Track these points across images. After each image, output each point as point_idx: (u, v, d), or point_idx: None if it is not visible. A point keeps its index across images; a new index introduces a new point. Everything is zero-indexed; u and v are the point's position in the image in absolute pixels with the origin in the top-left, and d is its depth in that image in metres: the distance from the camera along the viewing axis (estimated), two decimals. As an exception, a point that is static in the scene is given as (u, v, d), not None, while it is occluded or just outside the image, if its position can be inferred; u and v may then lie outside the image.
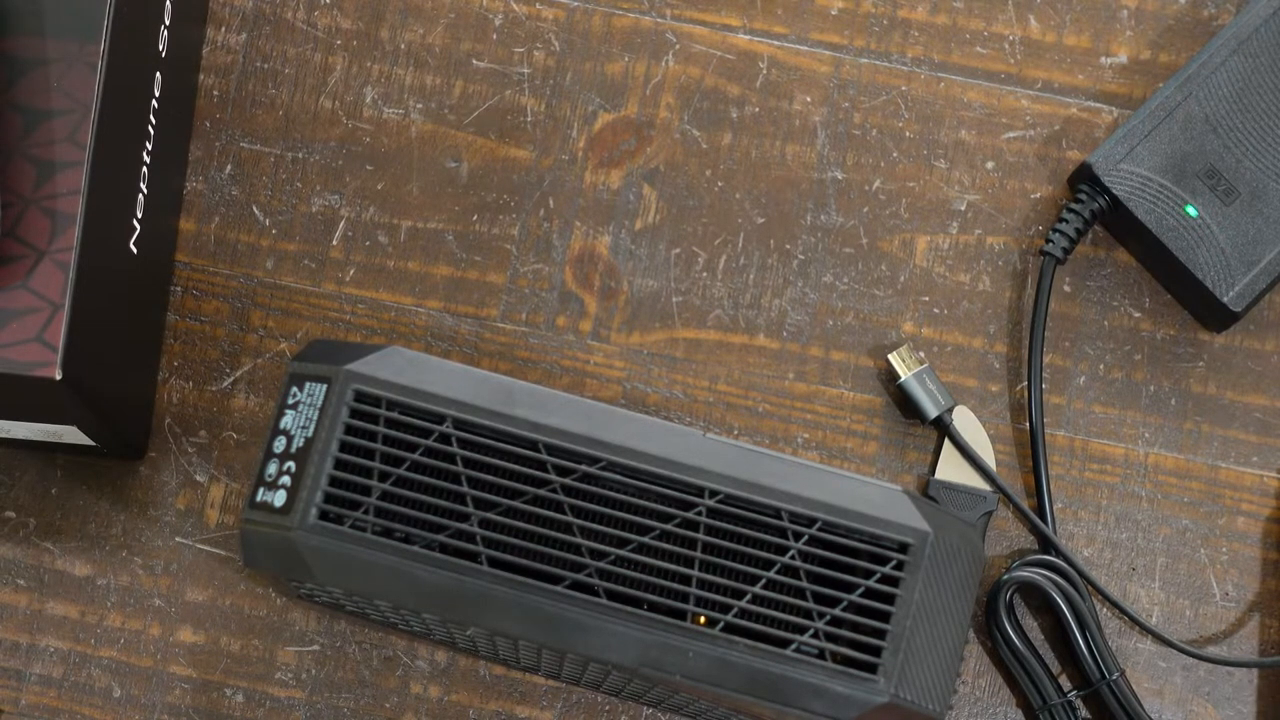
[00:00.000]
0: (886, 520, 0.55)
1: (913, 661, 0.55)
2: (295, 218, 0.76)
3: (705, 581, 0.54)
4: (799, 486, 0.55)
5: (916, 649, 0.55)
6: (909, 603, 0.55)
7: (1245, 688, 0.73)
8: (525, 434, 0.55)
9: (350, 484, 0.55)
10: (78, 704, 0.72)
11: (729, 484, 0.55)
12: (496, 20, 0.78)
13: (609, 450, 0.55)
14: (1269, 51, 0.74)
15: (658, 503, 0.55)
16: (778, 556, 0.54)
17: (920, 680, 0.55)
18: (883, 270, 0.76)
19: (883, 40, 0.78)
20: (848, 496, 0.55)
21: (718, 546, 0.55)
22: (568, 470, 0.55)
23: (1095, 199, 0.74)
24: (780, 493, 0.55)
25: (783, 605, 0.55)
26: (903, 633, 0.54)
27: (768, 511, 0.55)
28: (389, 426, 0.55)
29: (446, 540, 0.54)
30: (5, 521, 0.74)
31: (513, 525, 0.55)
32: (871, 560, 0.55)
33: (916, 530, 0.55)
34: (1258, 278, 0.73)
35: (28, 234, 0.64)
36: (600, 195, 0.76)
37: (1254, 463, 0.75)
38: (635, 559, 0.54)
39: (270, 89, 0.77)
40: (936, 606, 0.55)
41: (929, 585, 0.55)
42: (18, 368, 0.62)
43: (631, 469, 0.55)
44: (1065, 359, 0.75)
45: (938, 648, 0.55)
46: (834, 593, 0.54)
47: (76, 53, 0.65)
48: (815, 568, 0.54)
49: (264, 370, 0.75)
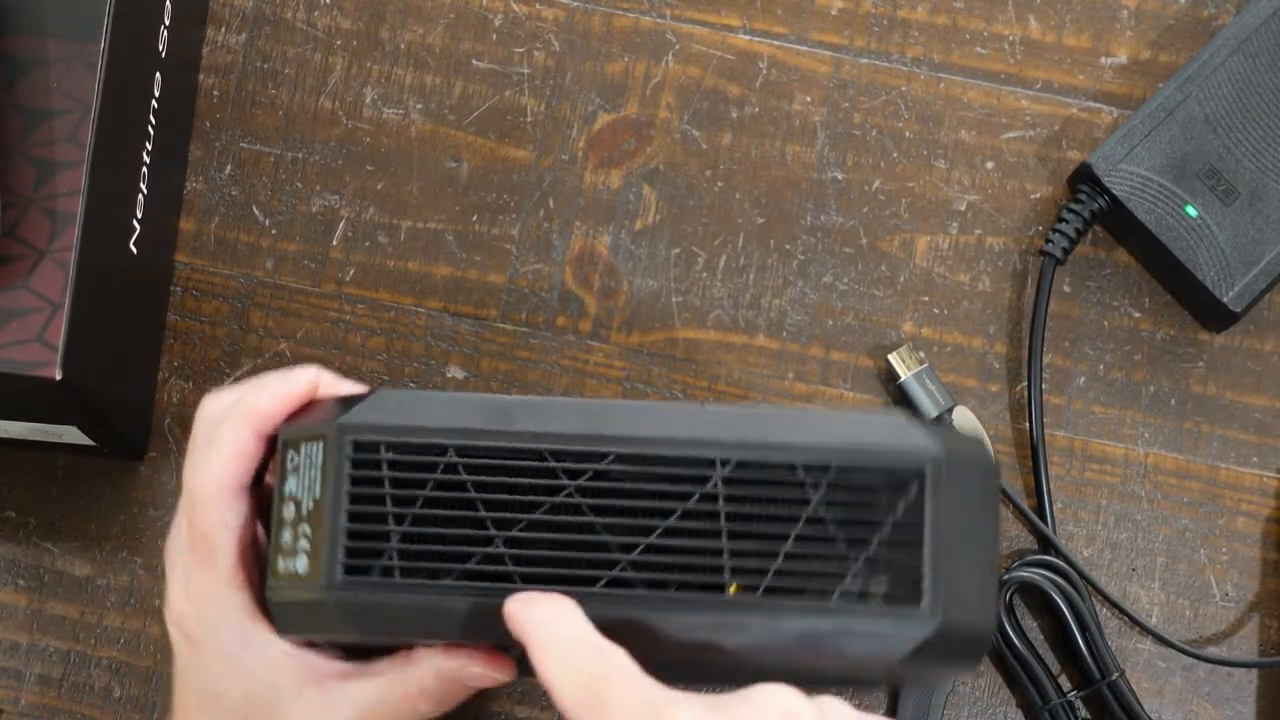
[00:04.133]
0: (898, 449, 0.54)
1: (952, 582, 0.54)
2: (295, 218, 0.76)
3: (736, 550, 0.54)
4: (806, 436, 0.55)
5: (953, 569, 0.54)
6: (937, 526, 0.54)
7: (1245, 688, 0.73)
8: (529, 446, 0.54)
9: (369, 534, 0.54)
10: (78, 704, 0.72)
11: (738, 450, 0.54)
12: (496, 20, 0.78)
13: (613, 443, 0.55)
14: (1269, 51, 0.74)
15: (673, 484, 0.55)
16: (801, 509, 0.54)
17: (964, 599, 0.55)
18: (883, 270, 0.76)
19: (883, 40, 0.78)
20: (855, 434, 0.55)
21: (740, 514, 0.55)
22: (578, 473, 0.54)
23: (1095, 199, 0.74)
24: (790, 446, 0.54)
25: (816, 556, 0.54)
26: (937, 557, 0.54)
27: (782, 468, 0.55)
28: (393, 470, 0.55)
29: (476, 567, 0.54)
30: (5, 521, 0.74)
31: (537, 538, 0.55)
32: (892, 491, 0.54)
33: (929, 452, 0.54)
34: (1258, 278, 0.73)
35: (28, 234, 0.64)
36: (600, 195, 0.76)
37: (1254, 463, 0.75)
38: (664, 544, 0.54)
39: (270, 89, 0.77)
40: (963, 524, 0.55)
41: (952, 505, 0.55)
42: (18, 368, 0.62)
43: (640, 456, 0.55)
44: (1065, 359, 0.75)
45: (972, 563, 0.55)
46: (862, 534, 0.54)
47: (76, 53, 0.65)
48: (840, 513, 0.54)
49: (264, 370, 0.75)
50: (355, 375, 0.74)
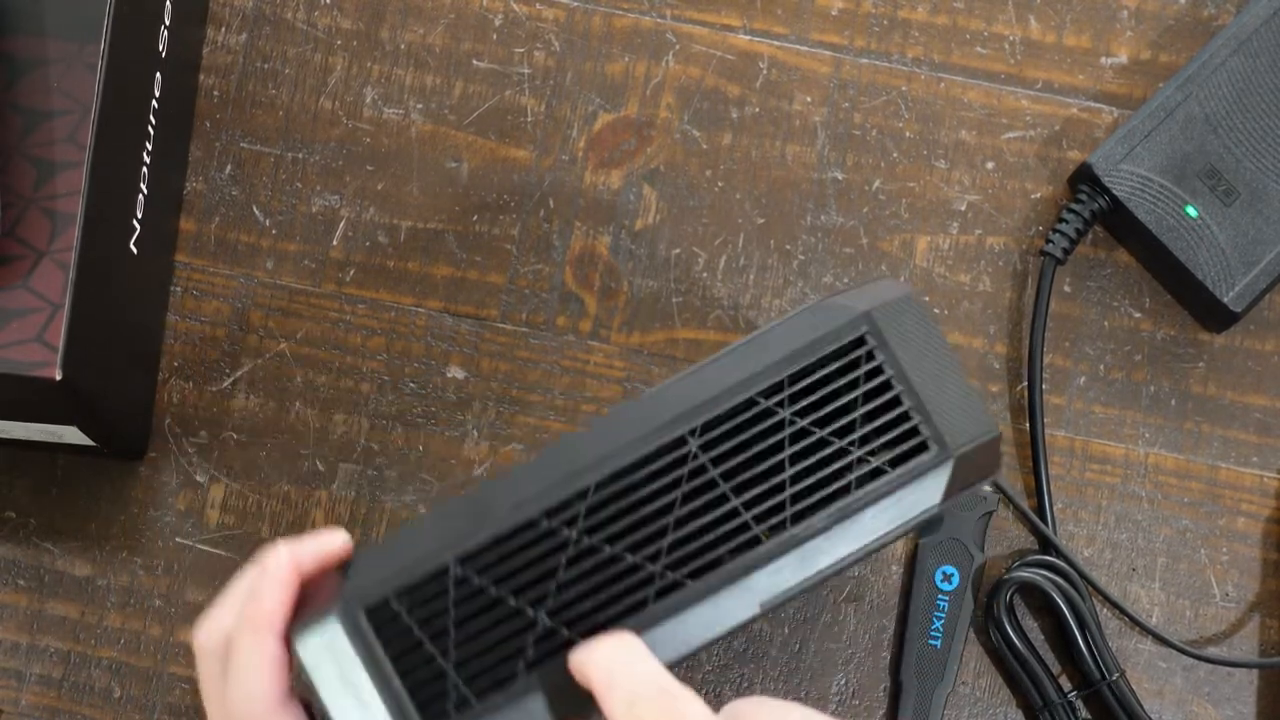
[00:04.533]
0: (831, 330, 0.55)
1: (942, 414, 0.55)
2: (295, 218, 0.76)
3: (749, 502, 0.55)
4: (748, 367, 0.55)
5: (936, 403, 0.55)
6: (901, 373, 0.55)
7: (1245, 688, 0.73)
8: (519, 520, 0.54)
9: (425, 682, 0.54)
10: (78, 704, 0.72)
11: (697, 414, 0.55)
12: (496, 20, 0.78)
13: (588, 473, 0.55)
14: (1269, 51, 0.74)
15: (660, 476, 0.55)
16: (781, 431, 0.54)
17: (959, 421, 0.55)
18: (883, 270, 0.76)
19: (883, 40, 0.78)
20: (788, 341, 0.55)
21: (733, 467, 0.55)
22: (573, 518, 0.54)
23: (1095, 199, 0.74)
24: (738, 384, 0.55)
25: (818, 465, 0.55)
26: (917, 400, 0.55)
27: (743, 406, 0.55)
28: (412, 613, 0.54)
29: (535, 652, 0.54)
30: (5, 521, 0.74)
31: (574, 593, 0.55)
32: (847, 368, 0.55)
33: (856, 316, 0.55)
34: (1258, 278, 0.73)
35: (28, 234, 0.64)
36: (600, 195, 0.76)
37: (1254, 463, 0.75)
38: (684, 534, 0.54)
39: (270, 89, 0.77)
40: (920, 358, 0.56)
41: (902, 347, 0.55)
42: (18, 368, 0.62)
43: (618, 471, 0.55)
44: (1065, 359, 0.75)
45: (946, 387, 0.56)
46: (845, 420, 0.54)
47: (76, 53, 0.65)
48: (815, 415, 0.55)
49: (264, 370, 0.75)
50: (355, 375, 0.74)
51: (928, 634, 0.73)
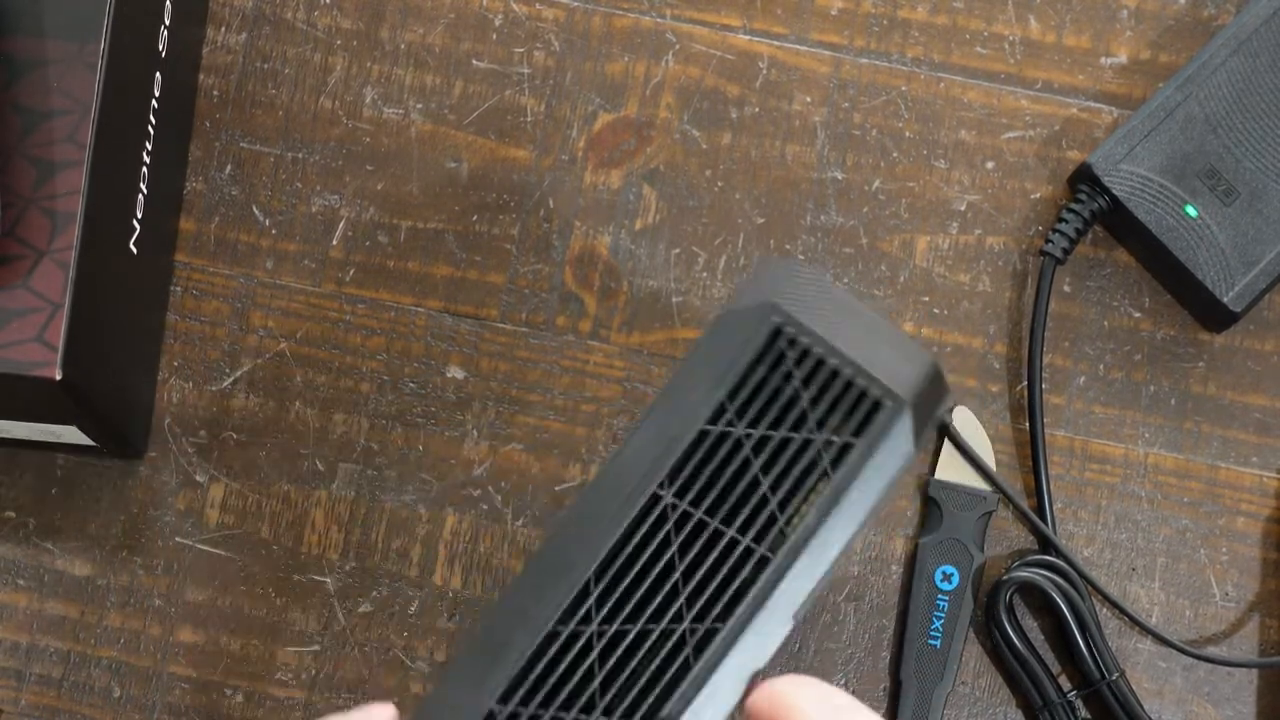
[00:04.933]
0: (746, 336, 0.55)
1: (879, 366, 0.55)
2: (295, 218, 0.76)
3: (742, 527, 0.54)
4: (690, 395, 0.55)
5: (869, 356, 0.55)
6: (823, 340, 0.55)
7: (1245, 688, 0.73)
8: (538, 638, 0.54)
9: None
10: (78, 704, 0.72)
11: (660, 466, 0.54)
12: (496, 20, 0.78)
13: (580, 566, 0.54)
14: (1269, 51, 0.74)
15: (651, 539, 0.55)
16: (743, 450, 0.54)
17: (899, 368, 0.55)
18: (883, 270, 0.76)
19: (883, 40, 0.78)
20: (716, 355, 0.55)
21: (713, 502, 0.55)
22: (586, 617, 0.54)
23: (1095, 199, 0.74)
24: (685, 422, 0.54)
25: (788, 466, 0.55)
26: (852, 359, 0.55)
27: (698, 441, 0.55)
28: None
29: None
30: (5, 521, 0.74)
31: (617, 685, 0.54)
32: (777, 365, 0.55)
33: (764, 312, 0.55)
34: (1258, 278, 0.73)
35: (28, 234, 0.64)
36: (600, 195, 0.76)
37: (1254, 463, 0.75)
38: (695, 584, 0.54)
39: (270, 89, 0.77)
40: (839, 323, 0.55)
41: (818, 322, 0.55)
42: (18, 368, 0.62)
43: (609, 553, 0.54)
44: (1065, 359, 0.75)
45: (874, 340, 0.56)
46: (794, 412, 0.54)
47: (76, 53, 0.65)
48: (766, 419, 0.54)
49: (264, 370, 0.75)
50: (355, 375, 0.74)
51: (927, 634, 0.73)
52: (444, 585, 0.73)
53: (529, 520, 0.74)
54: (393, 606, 0.73)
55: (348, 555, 0.73)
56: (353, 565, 0.73)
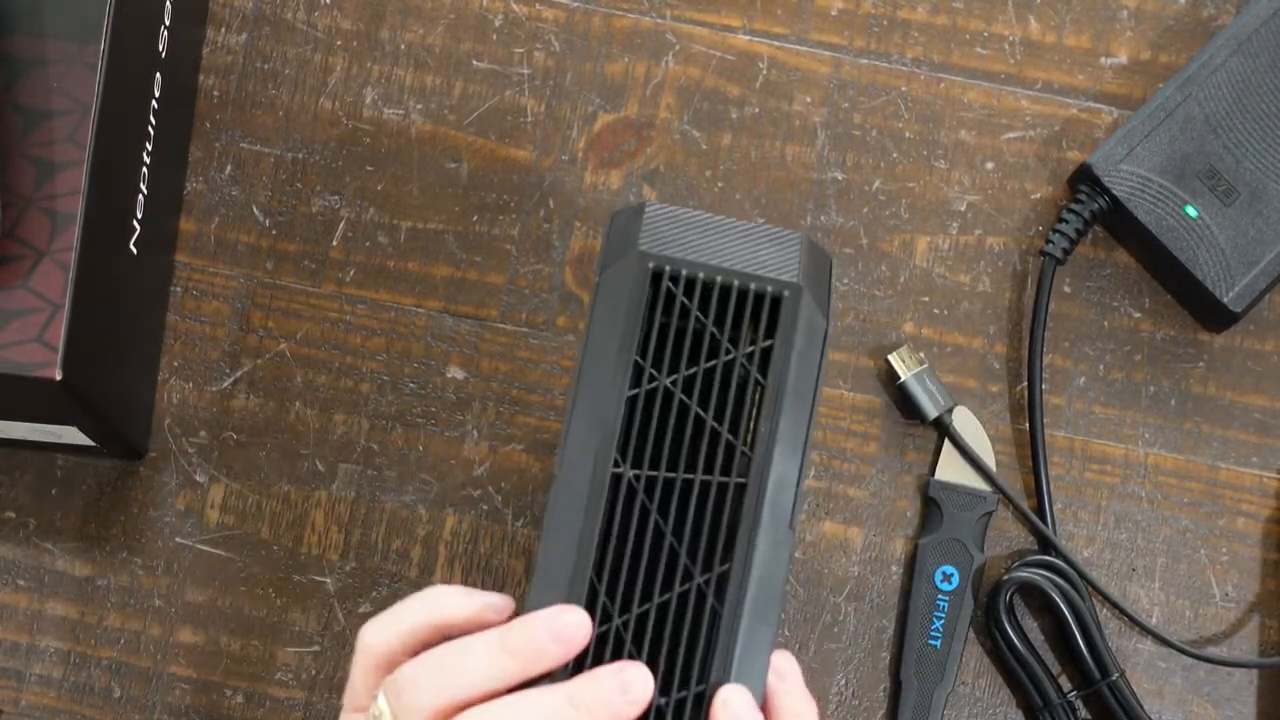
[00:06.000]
0: (630, 292, 0.55)
1: (759, 263, 0.56)
2: (295, 218, 0.76)
3: (708, 466, 0.55)
4: (602, 372, 0.55)
5: (747, 259, 0.56)
6: (706, 268, 0.56)
7: (1245, 688, 0.73)
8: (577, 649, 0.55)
9: None
10: (78, 704, 0.72)
11: (606, 447, 0.55)
12: (496, 20, 0.78)
13: (582, 572, 0.55)
14: (1269, 51, 0.74)
15: (628, 522, 0.55)
16: (674, 396, 0.55)
17: (776, 256, 0.56)
18: (883, 270, 0.76)
19: (883, 40, 0.78)
20: (611, 328, 0.55)
21: (672, 453, 0.55)
22: (606, 616, 0.55)
23: (1095, 199, 0.74)
24: (610, 392, 0.55)
25: (721, 392, 0.55)
26: (736, 274, 0.56)
27: (628, 409, 0.55)
28: None
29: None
30: (5, 521, 0.74)
31: (663, 658, 0.55)
32: (669, 307, 0.55)
33: (635, 263, 0.55)
34: (1258, 278, 0.73)
35: (28, 234, 0.64)
36: (600, 195, 0.76)
37: (1254, 463, 0.75)
38: (689, 538, 0.55)
39: (270, 89, 0.77)
40: (704, 244, 0.56)
41: (686, 249, 0.56)
42: (18, 368, 0.62)
43: (600, 550, 0.55)
44: (1065, 359, 0.75)
45: (743, 242, 0.57)
46: (706, 343, 0.55)
47: (76, 53, 0.65)
48: (682, 357, 0.55)
49: (264, 370, 0.75)
50: (355, 375, 0.74)
51: (928, 634, 0.73)
52: (444, 585, 0.73)
53: (529, 520, 0.74)
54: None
55: (348, 556, 0.73)
56: (353, 566, 0.73)
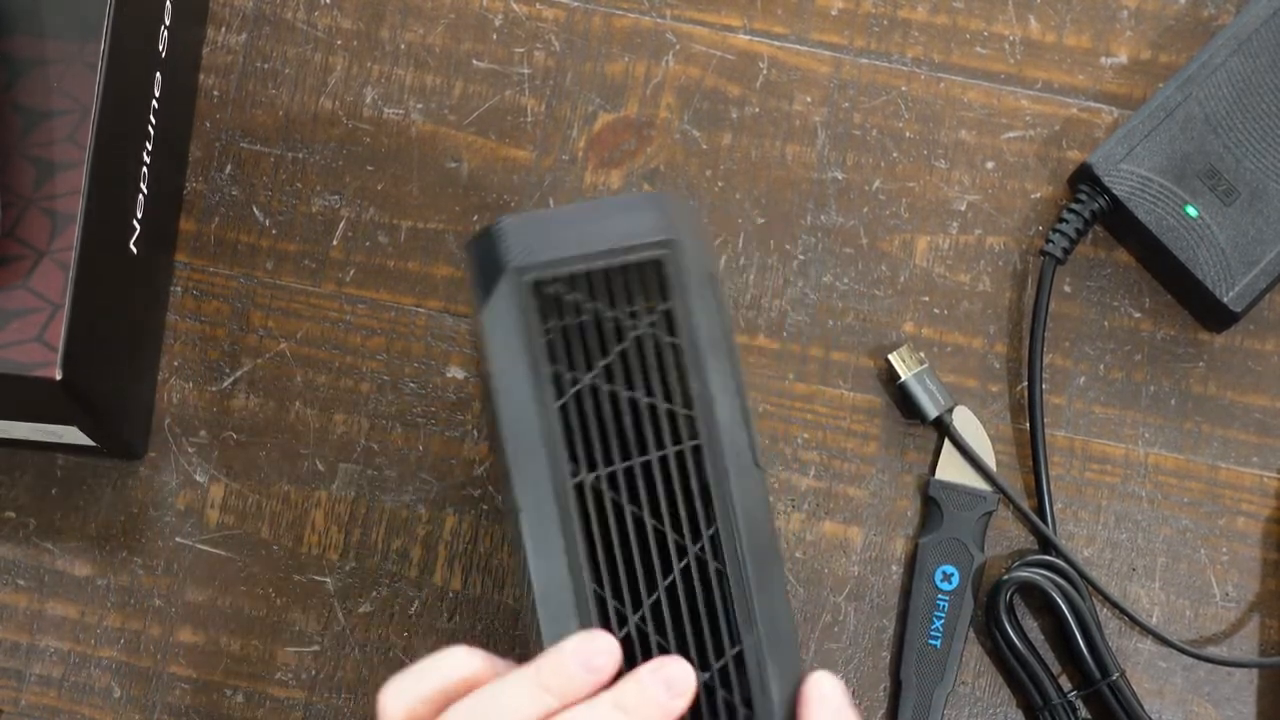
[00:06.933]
0: (514, 298, 0.56)
1: (625, 237, 0.57)
2: (295, 218, 0.76)
3: (656, 438, 0.55)
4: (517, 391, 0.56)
5: (613, 236, 0.57)
6: (575, 260, 0.56)
7: (1245, 688, 0.73)
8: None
9: None
10: (78, 704, 0.72)
11: (558, 463, 0.56)
12: (496, 20, 0.78)
13: (582, 590, 0.55)
14: (1269, 51, 0.74)
15: (589, 522, 0.56)
16: (601, 390, 0.56)
17: (645, 221, 0.57)
18: (883, 270, 0.76)
19: (883, 40, 0.78)
20: (507, 344, 0.57)
21: (620, 442, 0.56)
22: (622, 619, 0.55)
23: (1095, 199, 0.74)
24: (538, 412, 0.55)
25: (641, 369, 0.56)
26: (603, 252, 0.56)
27: (563, 420, 0.56)
28: None
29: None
30: (5, 521, 0.74)
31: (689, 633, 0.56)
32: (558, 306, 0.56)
33: (509, 274, 0.56)
34: (1258, 278, 0.73)
35: (28, 234, 0.64)
36: (601, 195, 0.76)
37: (1254, 463, 0.75)
38: (669, 511, 0.55)
39: (270, 89, 0.77)
40: (569, 236, 0.57)
41: (550, 248, 0.57)
42: (18, 368, 0.62)
43: (593, 564, 0.56)
44: (1065, 359, 0.75)
45: (595, 227, 0.57)
46: (608, 327, 0.56)
47: (76, 53, 0.65)
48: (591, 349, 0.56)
49: (264, 370, 0.75)
50: (355, 375, 0.74)
51: (928, 634, 0.73)
52: (444, 585, 0.73)
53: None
54: (393, 607, 0.73)
55: (348, 555, 0.73)
56: (353, 565, 0.73)
